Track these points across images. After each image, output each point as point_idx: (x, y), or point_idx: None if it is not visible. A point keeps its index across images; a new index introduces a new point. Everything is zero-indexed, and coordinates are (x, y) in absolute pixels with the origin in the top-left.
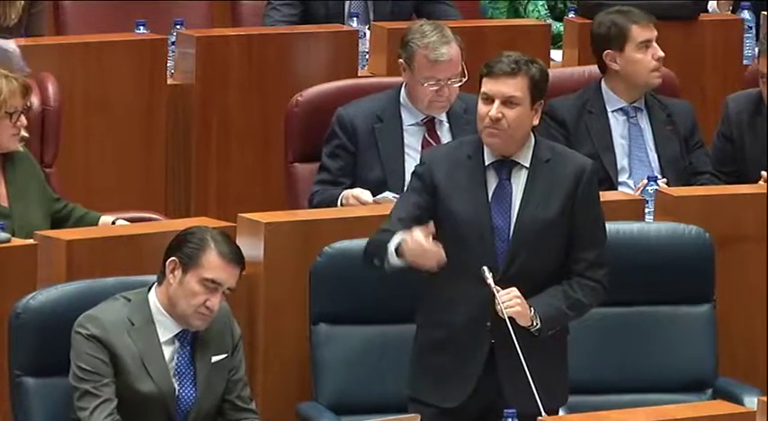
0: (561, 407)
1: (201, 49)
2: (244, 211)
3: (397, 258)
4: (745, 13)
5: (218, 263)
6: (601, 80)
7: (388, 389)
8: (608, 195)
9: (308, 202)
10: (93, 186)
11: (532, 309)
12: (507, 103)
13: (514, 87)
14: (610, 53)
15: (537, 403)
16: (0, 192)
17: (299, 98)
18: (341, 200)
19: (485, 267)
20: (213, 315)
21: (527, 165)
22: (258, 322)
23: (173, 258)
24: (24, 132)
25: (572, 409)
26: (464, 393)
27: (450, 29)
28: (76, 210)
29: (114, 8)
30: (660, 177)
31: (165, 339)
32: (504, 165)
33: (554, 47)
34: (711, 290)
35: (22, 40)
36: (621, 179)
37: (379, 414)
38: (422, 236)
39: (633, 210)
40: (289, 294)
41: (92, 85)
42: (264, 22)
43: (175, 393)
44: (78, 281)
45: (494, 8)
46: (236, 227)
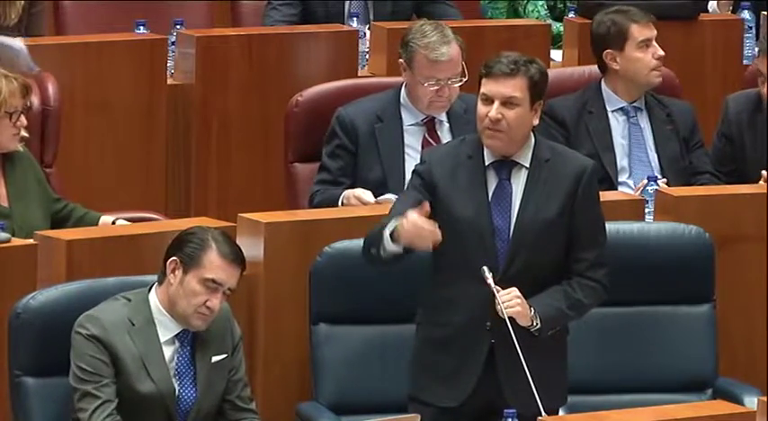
0: (561, 407)
1: (201, 49)
2: (244, 211)
3: (392, 243)
4: (745, 13)
5: (218, 263)
6: (601, 80)
7: (388, 389)
8: (608, 195)
9: (308, 202)
10: (93, 186)
11: (532, 308)
12: (507, 103)
13: (513, 88)
14: (610, 53)
15: (536, 403)
16: (0, 193)
17: (299, 98)
18: (342, 200)
19: (485, 267)
20: (213, 315)
21: (527, 165)
22: (258, 322)
23: (173, 258)
24: (24, 132)
25: (572, 409)
26: (464, 393)
27: (451, 29)
28: (77, 210)
29: (114, 8)
30: (660, 177)
31: (166, 339)
32: (504, 165)
33: (554, 47)
34: (711, 290)
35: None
36: (621, 179)
37: (379, 414)
38: (417, 216)
39: (633, 210)
40: (289, 294)
41: (92, 85)
42: (264, 22)
43: (175, 393)
44: (78, 281)
45: (493, 8)
46: (236, 227)
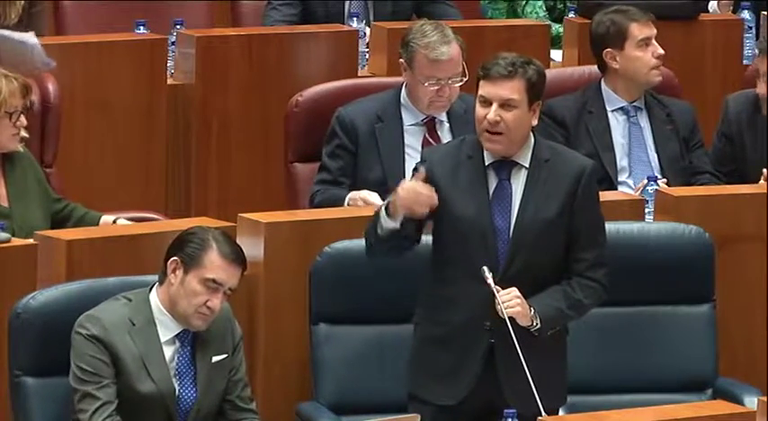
0: (561, 407)
1: (201, 49)
2: (244, 211)
3: (389, 219)
4: (745, 13)
5: (219, 263)
6: (600, 80)
7: (388, 389)
8: (608, 195)
9: (308, 202)
10: (94, 186)
11: (532, 308)
12: (505, 105)
13: (511, 90)
14: (610, 52)
15: (536, 403)
16: (0, 193)
17: (299, 98)
18: (348, 201)
19: (485, 267)
20: (214, 315)
21: (527, 166)
22: (258, 322)
23: (174, 258)
24: (24, 132)
25: (572, 409)
26: (462, 391)
27: (451, 29)
28: (77, 210)
29: (114, 8)
30: (660, 177)
31: (166, 339)
32: (504, 166)
33: (554, 48)
34: (711, 290)
35: None
36: (621, 179)
37: (379, 414)
38: (413, 181)
39: (633, 210)
40: (289, 294)
41: (92, 85)
42: (264, 22)
43: (176, 393)
44: (78, 281)
45: (493, 9)
46: (236, 227)
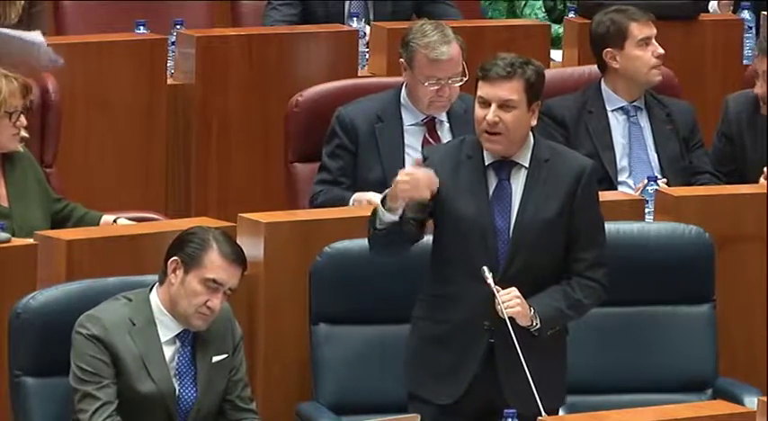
0: (561, 407)
1: (201, 49)
2: (244, 211)
3: (387, 213)
4: (745, 13)
5: (219, 263)
6: (600, 80)
7: (388, 389)
8: (608, 195)
9: (308, 202)
10: (94, 186)
11: (532, 308)
12: (504, 106)
13: (510, 91)
14: (610, 51)
15: (536, 403)
16: (0, 193)
17: (299, 98)
18: (353, 202)
19: (485, 267)
20: (214, 315)
21: (526, 165)
22: (258, 322)
23: (174, 258)
24: (24, 132)
25: (572, 409)
26: (459, 390)
27: (451, 28)
28: (77, 210)
29: (114, 8)
30: (660, 177)
31: (166, 339)
32: (504, 166)
33: (554, 48)
34: (711, 290)
35: None
36: (621, 179)
37: (379, 414)
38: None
39: (633, 210)
40: (289, 294)
41: (92, 85)
42: (264, 22)
43: (176, 393)
44: (78, 281)
45: (493, 9)
46: (236, 227)
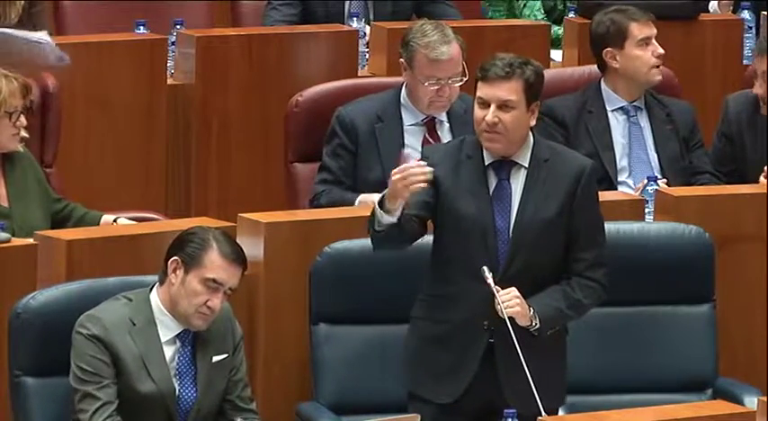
0: (561, 407)
1: (201, 49)
2: (244, 211)
3: (385, 215)
4: (746, 13)
5: (219, 263)
6: (600, 80)
7: (388, 389)
8: (608, 195)
9: (309, 202)
10: (94, 186)
11: (532, 308)
12: (503, 106)
13: (509, 91)
14: (610, 51)
15: (536, 403)
16: (0, 193)
17: (299, 98)
18: (358, 204)
19: (485, 267)
20: (214, 315)
21: (526, 165)
22: (258, 322)
23: (175, 258)
24: (24, 132)
25: (572, 409)
26: (458, 389)
27: (451, 28)
28: (77, 210)
29: (114, 8)
30: (660, 177)
31: (167, 339)
32: (504, 166)
33: (554, 48)
34: (711, 290)
35: None
36: (621, 178)
37: (379, 414)
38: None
39: (633, 210)
40: (289, 294)
41: (92, 85)
42: (264, 22)
43: (176, 393)
44: (78, 281)
45: (493, 10)
46: (236, 227)
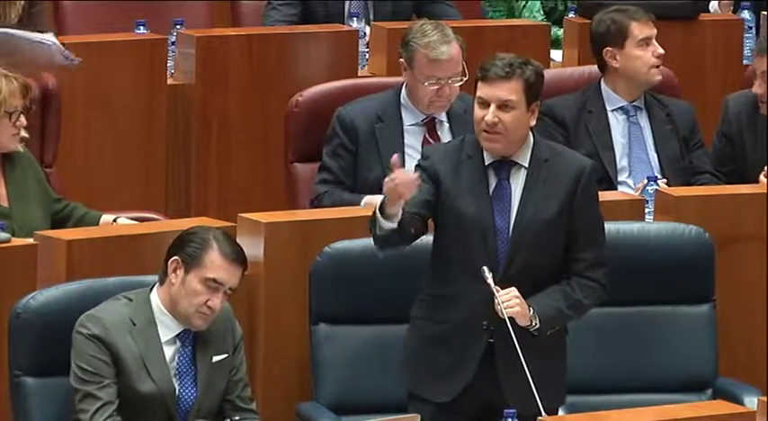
0: (561, 407)
1: (201, 49)
2: (244, 211)
3: (385, 221)
4: (746, 13)
5: (220, 262)
6: (600, 79)
7: (388, 389)
8: (608, 195)
9: (310, 202)
10: (94, 186)
11: (532, 308)
12: (503, 106)
13: (509, 91)
14: (610, 51)
15: (536, 403)
16: (0, 193)
17: (299, 98)
18: (364, 205)
19: (484, 267)
20: (215, 315)
21: (526, 165)
22: (258, 322)
23: (175, 258)
24: (24, 132)
25: (572, 409)
26: (456, 388)
27: (451, 28)
28: (77, 210)
29: (114, 8)
30: (660, 177)
31: (167, 339)
32: (504, 166)
33: (554, 48)
34: (711, 290)
35: None
36: (621, 178)
37: (379, 414)
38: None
39: (633, 210)
40: (289, 294)
41: (92, 85)
42: (264, 22)
43: (176, 393)
44: (78, 281)
45: (493, 10)
46: (236, 227)
